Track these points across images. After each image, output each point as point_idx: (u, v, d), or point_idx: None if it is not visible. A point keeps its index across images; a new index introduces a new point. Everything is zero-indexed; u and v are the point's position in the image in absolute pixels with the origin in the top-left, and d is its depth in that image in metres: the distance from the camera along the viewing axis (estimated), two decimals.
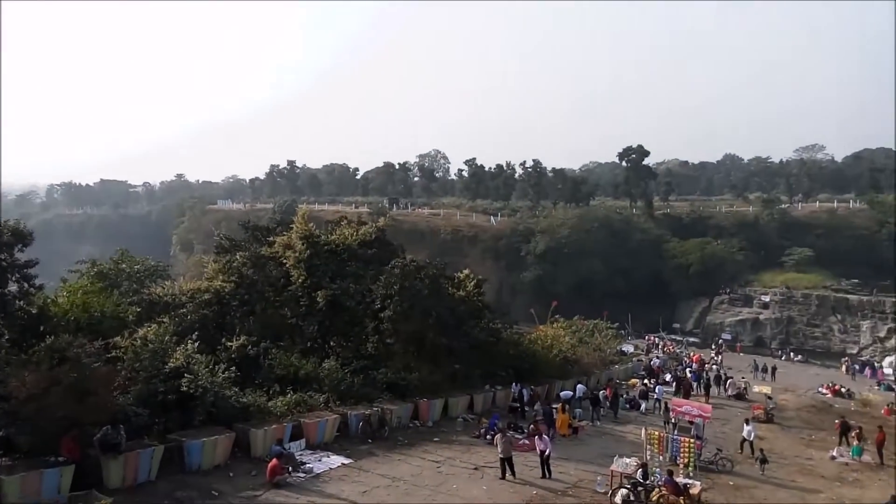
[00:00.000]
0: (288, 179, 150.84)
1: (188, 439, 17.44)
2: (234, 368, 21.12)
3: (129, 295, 28.81)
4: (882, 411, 35.50)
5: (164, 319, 24.74)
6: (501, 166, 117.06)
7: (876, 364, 59.78)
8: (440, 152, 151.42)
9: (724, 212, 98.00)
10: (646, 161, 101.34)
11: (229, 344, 23.73)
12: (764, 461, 21.62)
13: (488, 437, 22.74)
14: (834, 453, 25.21)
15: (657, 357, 49.51)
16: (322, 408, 22.44)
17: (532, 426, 23.76)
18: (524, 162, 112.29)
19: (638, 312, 73.34)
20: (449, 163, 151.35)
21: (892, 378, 53.34)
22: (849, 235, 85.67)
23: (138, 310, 25.61)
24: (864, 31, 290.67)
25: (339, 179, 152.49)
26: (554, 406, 27.36)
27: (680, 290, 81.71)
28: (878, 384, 48.67)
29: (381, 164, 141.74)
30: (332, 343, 29.25)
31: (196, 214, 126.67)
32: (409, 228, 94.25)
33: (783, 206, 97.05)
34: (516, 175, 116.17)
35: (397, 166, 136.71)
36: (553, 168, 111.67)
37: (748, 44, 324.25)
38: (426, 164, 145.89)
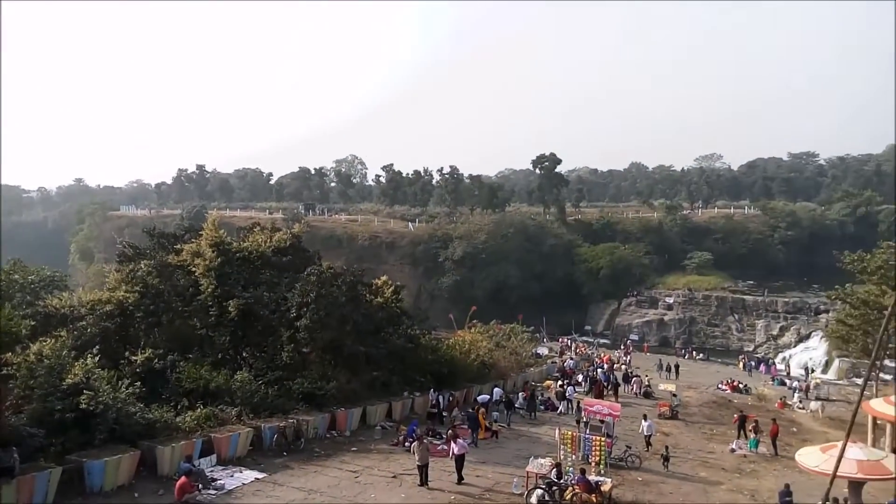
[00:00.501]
0: (197, 184, 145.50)
1: (89, 459, 16.46)
2: (138, 383, 20.15)
3: (22, 308, 26.97)
4: (776, 405, 38.06)
5: (62, 333, 23.30)
6: (419, 172, 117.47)
7: (770, 360, 63.88)
8: (357, 157, 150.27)
9: (631, 218, 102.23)
10: (558, 168, 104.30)
11: (134, 358, 22.62)
12: (667, 458, 22.63)
13: (407, 444, 22.72)
14: (733, 446, 26.76)
15: (570, 359, 50.93)
16: (234, 421, 21.73)
17: (451, 431, 23.93)
18: (441, 168, 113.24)
19: (552, 315, 75.35)
20: (366, 168, 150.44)
21: (785, 373, 57.16)
22: (744, 239, 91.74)
23: (33, 323, 23.93)
24: (751, 46, 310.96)
25: (251, 184, 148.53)
26: (472, 410, 27.62)
27: (591, 293, 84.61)
28: (772, 379, 51.88)
29: (296, 169, 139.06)
30: (244, 354, 28.39)
31: (96, 221, 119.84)
32: (326, 235, 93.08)
33: (685, 212, 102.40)
34: (434, 181, 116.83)
35: (313, 171, 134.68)
36: (470, 174, 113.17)
37: (647, 56, 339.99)
38: (343, 170, 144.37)
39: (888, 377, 48.08)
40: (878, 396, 29.57)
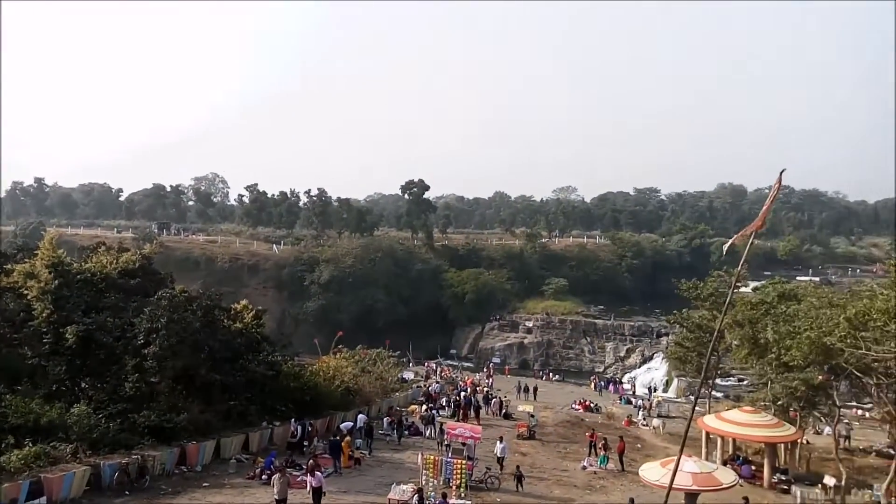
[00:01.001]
0: (34, 198, 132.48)
1: None
2: None
3: None
4: (623, 422, 40.57)
5: None
6: (285, 193, 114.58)
7: (618, 380, 68.24)
8: (218, 175, 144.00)
9: (495, 244, 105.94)
10: (426, 195, 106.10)
11: None
12: (520, 478, 23.17)
13: (264, 476, 21.70)
14: (585, 463, 28.14)
15: (436, 383, 51.38)
16: (69, 459, 19.66)
17: (311, 461, 23.18)
18: (309, 190, 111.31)
19: (419, 340, 75.84)
20: (228, 187, 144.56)
21: (631, 392, 61.22)
22: (596, 267, 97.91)
23: None
24: (594, 90, 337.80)
25: (98, 200, 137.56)
26: (335, 438, 26.96)
27: (457, 317, 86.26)
28: (620, 398, 55.34)
29: (150, 186, 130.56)
30: (83, 385, 25.87)
31: None
32: (182, 256, 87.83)
33: (543, 240, 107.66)
34: (301, 203, 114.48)
35: (169, 188, 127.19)
36: (338, 197, 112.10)
37: (506, 93, 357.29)
38: (202, 188, 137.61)
39: (720, 395, 53.13)
40: (710, 413, 32.51)
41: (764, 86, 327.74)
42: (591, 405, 46.92)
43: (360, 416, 32.02)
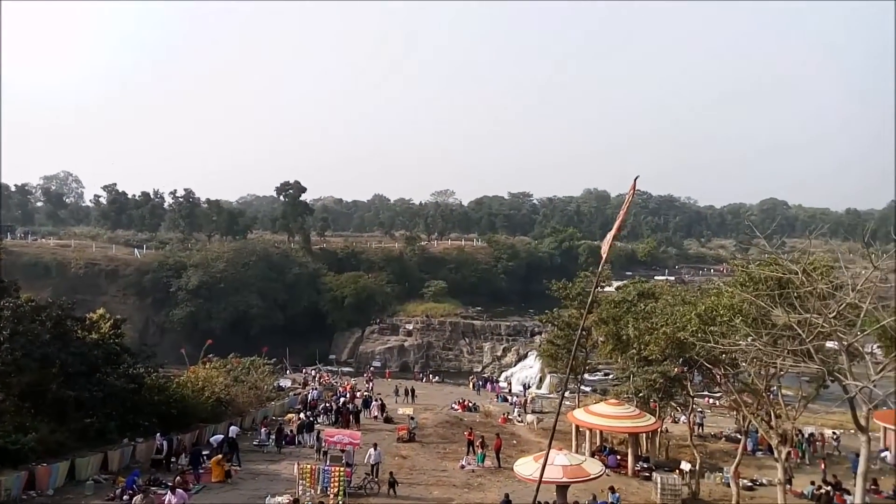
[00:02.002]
0: None
1: None
2: None
3: None
4: (500, 420, 41.72)
5: None
6: (148, 194, 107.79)
7: (495, 379, 70.09)
8: (71, 175, 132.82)
9: (374, 247, 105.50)
10: (303, 197, 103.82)
11: None
12: (392, 483, 22.94)
13: (125, 497, 20.24)
14: (463, 462, 28.65)
15: (314, 389, 50.28)
16: None
17: (178, 478, 21.92)
18: (174, 191, 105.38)
19: (296, 346, 73.91)
20: (83, 187, 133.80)
21: (507, 390, 63.10)
22: (473, 269, 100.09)
23: None
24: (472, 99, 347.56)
25: None
26: (205, 452, 25.72)
27: (336, 321, 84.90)
28: (497, 397, 56.81)
29: None
30: None
31: None
32: (30, 262, 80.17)
33: (423, 243, 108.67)
34: (165, 205, 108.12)
35: (13, 188, 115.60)
36: (208, 199, 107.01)
37: (384, 97, 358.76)
38: (53, 188, 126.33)
39: (588, 389, 56.04)
40: (580, 407, 34.22)
41: (617, 96, 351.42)
42: (470, 405, 47.81)
43: (232, 427, 30.71)
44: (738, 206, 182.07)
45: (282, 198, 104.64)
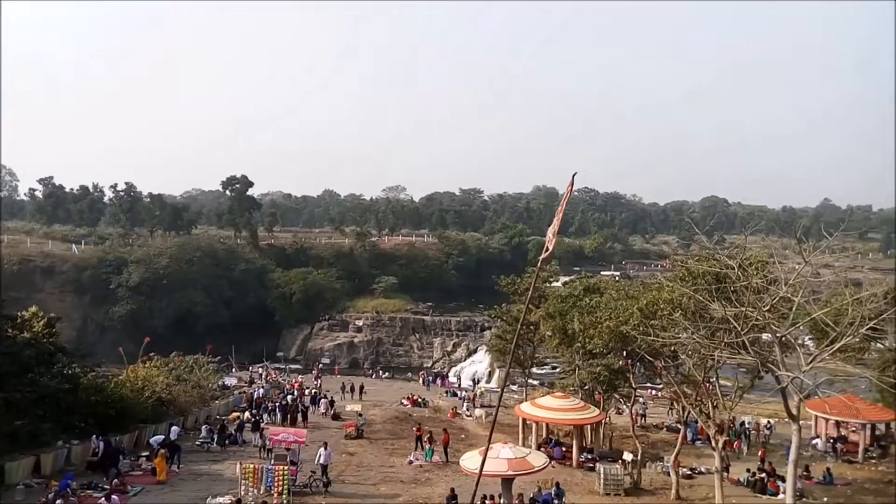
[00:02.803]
0: None
1: None
2: None
3: None
4: (448, 414, 41.83)
5: None
6: (87, 188, 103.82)
7: (445, 374, 70.25)
8: (4, 167, 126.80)
9: (324, 243, 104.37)
10: (250, 192, 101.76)
11: None
12: (327, 484, 22.44)
13: (58, 501, 19.39)
14: (411, 458, 28.57)
15: (260, 387, 49.39)
16: None
17: (115, 481, 21.20)
18: (115, 185, 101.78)
19: (243, 343, 72.48)
20: (17, 180, 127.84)
21: (457, 385, 63.35)
22: (424, 265, 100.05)
23: None
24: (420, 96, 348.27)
25: None
26: (143, 454, 24.91)
27: (284, 318, 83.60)
28: (447, 392, 56.98)
29: None
30: None
31: None
32: None
33: (373, 238, 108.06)
34: (105, 199, 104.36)
35: None
36: (150, 193, 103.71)
37: (336, 90, 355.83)
38: None
39: (536, 382, 56.73)
40: (527, 400, 34.57)
41: (567, 97, 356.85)
42: (419, 400, 47.79)
43: (174, 428, 29.85)
44: (680, 203, 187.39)
45: (228, 192, 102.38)
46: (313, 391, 48.71)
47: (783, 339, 16.54)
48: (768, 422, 36.77)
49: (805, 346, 18.21)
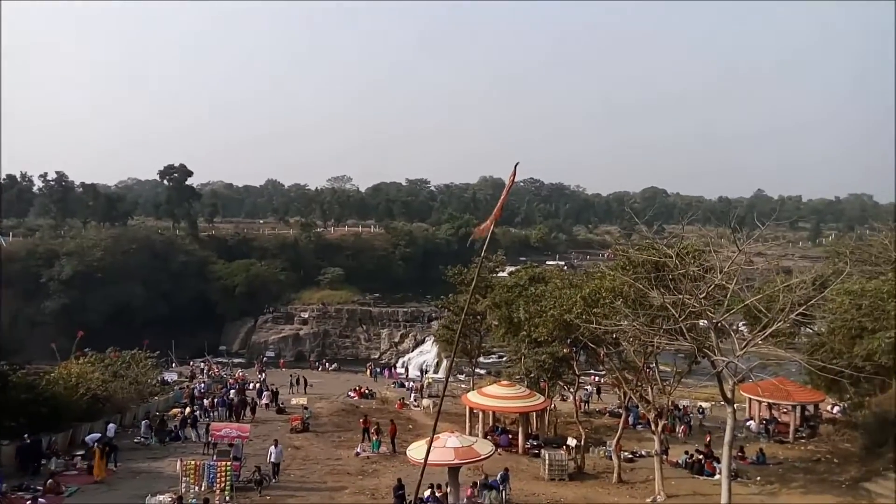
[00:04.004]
0: None
1: None
2: None
3: None
4: (396, 406, 41.83)
5: None
6: (14, 177, 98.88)
7: (392, 365, 70.23)
8: None
9: (268, 234, 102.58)
10: (189, 181, 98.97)
11: None
12: (259, 481, 21.83)
13: None
14: (358, 450, 28.47)
15: (202, 382, 48.30)
16: None
17: (50, 482, 20.41)
18: (45, 174, 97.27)
19: (183, 338, 70.49)
20: None
21: (405, 376, 63.40)
22: (371, 256, 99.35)
23: None
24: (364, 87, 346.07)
25: None
26: (78, 453, 24.03)
27: (226, 311, 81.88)
28: (394, 383, 57.00)
29: None
30: None
31: None
32: None
33: (318, 229, 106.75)
34: (35, 188, 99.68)
35: None
36: (83, 182, 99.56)
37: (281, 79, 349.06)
38: None
39: (483, 371, 57.30)
40: (474, 389, 34.89)
41: (512, 89, 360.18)
42: (367, 392, 47.60)
43: (110, 425, 28.92)
44: (622, 194, 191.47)
45: (166, 182, 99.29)
46: (257, 385, 47.98)
47: (718, 325, 17.13)
48: (700, 406, 38.19)
49: (739, 332, 18.94)
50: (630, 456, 27.67)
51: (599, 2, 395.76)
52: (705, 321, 17.93)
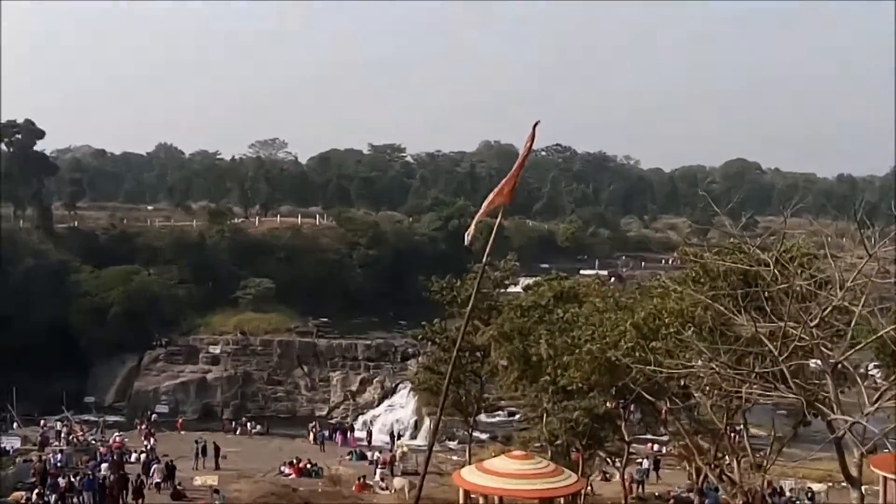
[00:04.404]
0: None
1: None
2: None
3: None
4: (353, 488, 41.74)
5: None
6: None
7: (348, 427, 69.93)
8: None
9: (159, 227, 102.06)
10: (39, 146, 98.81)
11: None
12: None
13: None
14: None
15: (59, 452, 48.16)
16: None
17: None
18: None
19: (30, 384, 70.13)
20: None
21: (366, 443, 63.22)
22: (316, 260, 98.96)
23: None
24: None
25: None
26: None
27: (95, 344, 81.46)
28: (351, 453, 56.79)
29: None
30: None
31: None
32: None
33: (237, 220, 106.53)
34: None
35: None
36: None
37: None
38: None
39: (485, 436, 57.26)
40: (471, 463, 34.79)
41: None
42: (309, 467, 47.58)
43: None
44: (694, 170, 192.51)
45: (4, 148, 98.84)
46: (142, 455, 47.88)
47: (838, 367, 17.17)
48: (809, 489, 38.38)
49: (869, 378, 19.00)
50: None
51: None
52: (818, 361, 17.98)
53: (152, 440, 56.01)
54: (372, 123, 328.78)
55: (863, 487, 18.00)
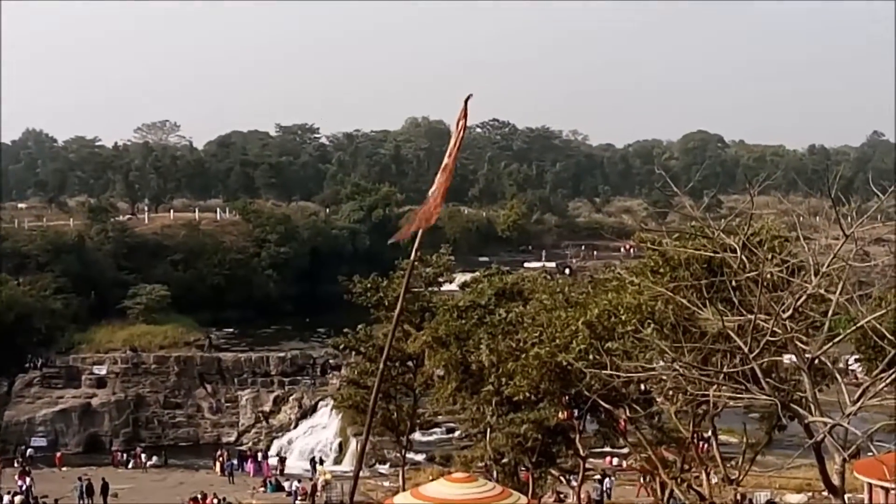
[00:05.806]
0: None
1: None
2: None
3: None
4: None
5: None
6: None
7: (261, 453, 69.50)
8: None
9: (29, 228, 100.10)
10: None
11: None
12: None
13: None
14: None
15: None
16: None
17: None
18: None
19: None
20: None
21: (281, 471, 62.89)
22: (217, 262, 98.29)
23: None
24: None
25: None
26: None
27: None
28: (265, 484, 56.49)
29: None
30: None
31: None
32: None
33: (123, 217, 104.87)
34: None
35: None
36: None
37: None
38: None
39: (421, 458, 57.38)
40: (406, 489, 34.85)
41: None
42: (217, 502, 47.33)
43: None
44: (650, 145, 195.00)
45: None
46: (16, 497, 47.17)
47: (815, 362, 17.49)
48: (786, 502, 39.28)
49: (850, 374, 19.42)
50: None
51: None
52: (793, 357, 18.28)
53: (27, 479, 55.09)
54: (279, 101, 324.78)
55: (846, 496, 18.41)
